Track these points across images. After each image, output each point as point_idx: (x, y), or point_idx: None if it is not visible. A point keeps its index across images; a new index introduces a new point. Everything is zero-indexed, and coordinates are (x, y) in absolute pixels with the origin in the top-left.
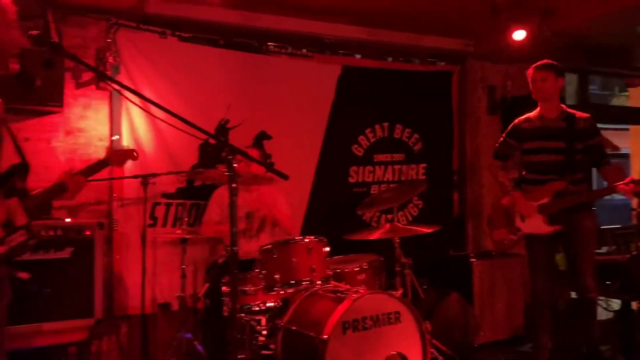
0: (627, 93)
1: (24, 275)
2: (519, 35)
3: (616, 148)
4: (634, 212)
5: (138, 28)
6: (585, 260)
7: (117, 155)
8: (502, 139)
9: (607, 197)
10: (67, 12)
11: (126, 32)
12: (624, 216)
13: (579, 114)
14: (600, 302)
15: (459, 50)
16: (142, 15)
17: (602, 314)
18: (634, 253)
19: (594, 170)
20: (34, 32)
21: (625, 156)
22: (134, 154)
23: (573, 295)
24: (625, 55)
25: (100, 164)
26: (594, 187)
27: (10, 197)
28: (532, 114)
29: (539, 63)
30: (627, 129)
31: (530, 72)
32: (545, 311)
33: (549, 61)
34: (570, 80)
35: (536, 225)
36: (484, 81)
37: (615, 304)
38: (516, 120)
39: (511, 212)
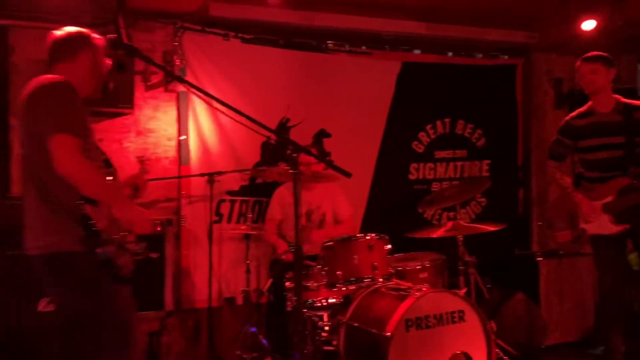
0: None
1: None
2: (589, 25)
3: None
4: None
5: (203, 31)
6: None
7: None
8: (555, 138)
9: None
10: (137, 18)
11: (191, 35)
12: None
13: (633, 103)
14: None
15: (522, 43)
16: (206, 19)
17: None
18: None
19: None
20: (112, 36)
21: None
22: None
23: None
24: None
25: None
26: None
27: None
28: (583, 109)
29: (587, 55)
30: None
31: (578, 65)
32: (616, 313)
33: (598, 52)
34: None
35: (602, 225)
36: (551, 74)
37: None
38: (568, 118)
39: (574, 213)
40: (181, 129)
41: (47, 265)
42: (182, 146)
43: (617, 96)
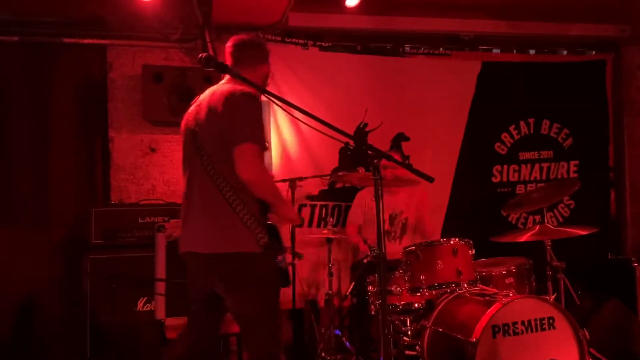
0: None
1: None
2: None
3: None
4: None
5: (283, 41)
6: None
7: None
8: None
9: None
10: (221, 32)
11: (272, 46)
12: None
13: None
14: None
15: (611, 37)
16: (286, 29)
17: None
18: None
19: None
20: (204, 55)
21: None
22: None
23: None
24: None
25: None
26: None
27: None
28: None
29: None
30: None
31: None
32: None
33: None
34: None
35: None
36: None
37: None
38: None
39: None
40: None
41: (225, 264)
42: (265, 154)
43: None
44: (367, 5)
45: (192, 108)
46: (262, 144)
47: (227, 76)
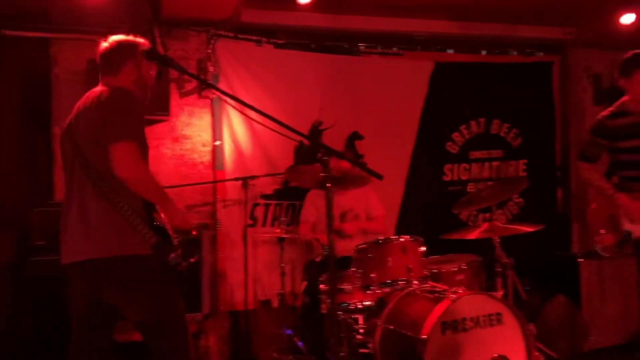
0: None
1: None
2: (628, 19)
3: None
4: None
5: (236, 37)
6: None
7: None
8: (588, 138)
9: None
10: (171, 27)
11: (225, 42)
12: None
13: None
14: None
15: (558, 39)
16: (239, 25)
17: None
18: None
19: None
20: (146, 47)
21: None
22: None
23: None
24: None
25: None
26: None
27: None
28: (615, 109)
29: None
30: None
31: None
32: None
33: None
34: None
35: None
36: (589, 70)
37: None
38: (600, 117)
39: (617, 215)
40: (215, 135)
41: (114, 269)
42: (216, 151)
43: None
44: (321, 3)
45: (72, 112)
46: (139, 139)
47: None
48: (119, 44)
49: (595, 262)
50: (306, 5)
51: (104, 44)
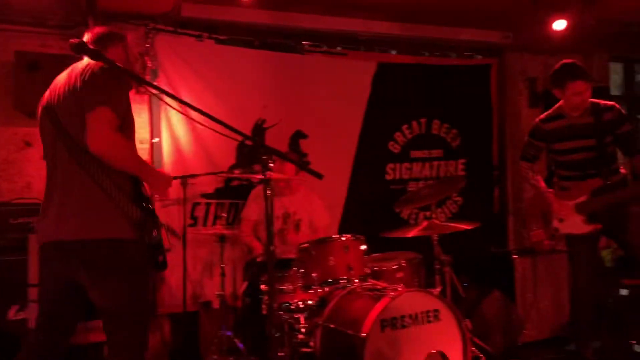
0: None
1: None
2: (560, 25)
3: None
4: None
5: (175, 32)
6: None
7: None
8: (527, 140)
9: None
10: (107, 20)
11: (164, 37)
12: None
13: (603, 103)
14: None
15: (497, 43)
16: (179, 20)
17: None
18: None
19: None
20: (75, 41)
21: None
22: None
23: (623, 292)
24: None
25: None
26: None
27: None
28: (552, 113)
29: (582, 73)
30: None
31: (577, 84)
32: (590, 310)
33: (583, 67)
34: (616, 69)
35: (575, 225)
36: (524, 73)
37: None
38: (537, 120)
39: (548, 212)
40: (154, 132)
41: (93, 251)
42: (155, 149)
43: None
44: (263, 0)
45: (47, 92)
46: (120, 112)
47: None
48: (110, 30)
49: (529, 259)
50: (249, 1)
51: (96, 29)
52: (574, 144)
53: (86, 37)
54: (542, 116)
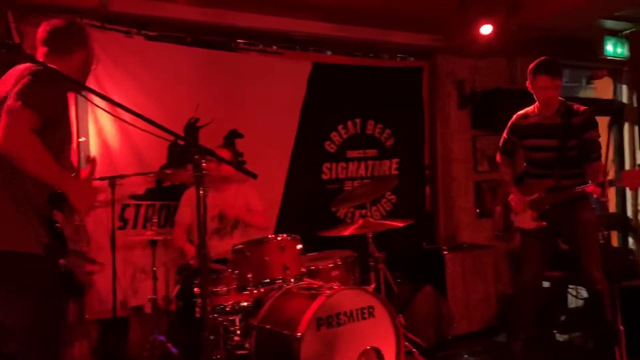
0: (593, 85)
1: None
2: (486, 29)
3: None
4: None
5: (103, 27)
6: (587, 253)
7: None
8: (504, 136)
9: None
10: (29, 12)
11: (90, 32)
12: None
13: (576, 106)
14: (569, 290)
15: (428, 46)
16: (107, 15)
17: (572, 302)
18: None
19: None
20: (10, 41)
21: None
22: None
23: (546, 284)
24: (589, 47)
25: None
26: None
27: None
28: (530, 109)
29: (550, 67)
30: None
31: (543, 78)
32: (531, 303)
33: (557, 63)
34: None
35: (524, 220)
36: (453, 76)
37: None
38: (515, 116)
39: (509, 206)
40: (80, 131)
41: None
42: (81, 148)
43: (561, 98)
44: None
45: None
46: (42, 115)
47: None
48: (76, 25)
49: (458, 254)
50: None
51: (56, 23)
52: (540, 142)
53: (44, 33)
54: (520, 112)
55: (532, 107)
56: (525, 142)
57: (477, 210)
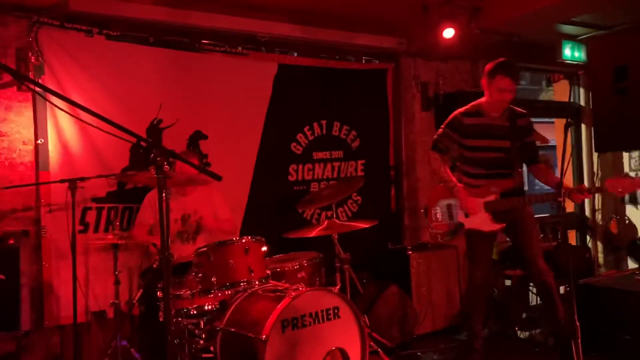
0: (552, 88)
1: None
2: (449, 33)
3: (545, 140)
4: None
5: (62, 26)
6: (533, 246)
7: None
8: (441, 131)
9: (537, 187)
10: None
11: (49, 31)
12: (549, 205)
13: (517, 110)
14: (530, 288)
15: (392, 48)
16: (67, 13)
17: (533, 300)
18: (560, 240)
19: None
20: None
21: (553, 148)
22: None
23: (507, 283)
24: (548, 51)
25: None
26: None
27: None
28: (471, 109)
29: (511, 68)
30: (552, 122)
31: (503, 80)
32: (483, 302)
33: (516, 66)
34: None
35: (481, 222)
36: (417, 78)
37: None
38: (457, 113)
39: (453, 206)
40: (38, 132)
41: None
42: (39, 150)
43: None
44: None
45: None
46: None
47: None
48: None
49: (423, 254)
50: None
51: None
52: (489, 142)
53: None
54: (461, 110)
55: (472, 106)
56: (469, 141)
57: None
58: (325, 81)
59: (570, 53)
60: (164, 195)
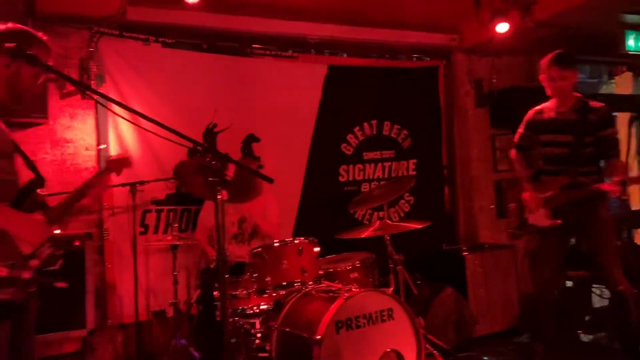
0: (614, 80)
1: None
2: (502, 28)
3: None
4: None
5: (121, 36)
6: (606, 252)
7: (115, 164)
8: (520, 130)
9: None
10: (48, 23)
11: (109, 41)
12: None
13: (593, 103)
14: (594, 289)
15: (444, 45)
16: (124, 23)
17: (596, 302)
18: (626, 240)
19: None
20: (10, 45)
21: None
22: (129, 160)
23: (569, 284)
24: (609, 43)
25: (100, 175)
26: None
27: (34, 211)
28: (547, 105)
29: (558, 57)
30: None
31: (547, 65)
32: (551, 302)
33: (568, 55)
34: None
35: (539, 218)
36: (471, 75)
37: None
38: (531, 112)
39: (523, 203)
40: (100, 138)
41: None
42: (101, 156)
43: (577, 94)
44: (210, 3)
45: None
46: None
47: None
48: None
49: (478, 255)
50: (194, 4)
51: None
52: (554, 137)
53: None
54: (537, 108)
55: (548, 102)
56: (542, 137)
57: (496, 210)
58: (375, 81)
59: (635, 44)
60: (219, 198)
